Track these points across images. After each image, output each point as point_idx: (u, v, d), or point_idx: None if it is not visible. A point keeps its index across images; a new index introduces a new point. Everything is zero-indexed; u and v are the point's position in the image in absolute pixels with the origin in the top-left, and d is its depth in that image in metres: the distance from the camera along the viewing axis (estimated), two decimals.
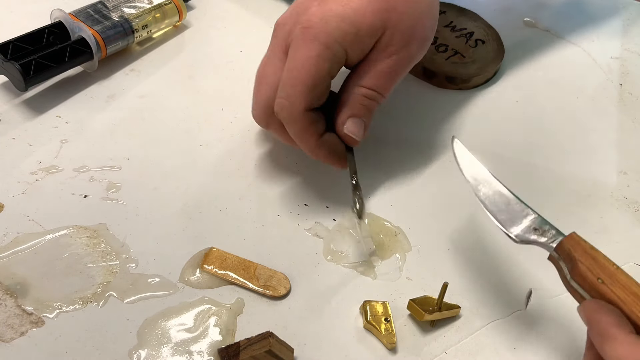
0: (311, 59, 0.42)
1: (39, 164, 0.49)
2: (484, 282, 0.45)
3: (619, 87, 0.61)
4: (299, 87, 0.42)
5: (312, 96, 0.43)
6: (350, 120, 0.45)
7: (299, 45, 0.42)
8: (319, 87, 0.43)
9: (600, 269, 0.35)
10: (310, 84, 0.42)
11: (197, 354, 0.39)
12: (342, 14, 0.42)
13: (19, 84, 0.51)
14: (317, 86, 0.43)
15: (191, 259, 0.44)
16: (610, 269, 0.35)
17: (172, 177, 0.49)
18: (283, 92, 0.43)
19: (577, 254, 0.36)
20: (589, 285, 0.35)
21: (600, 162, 0.54)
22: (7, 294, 0.41)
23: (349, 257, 0.45)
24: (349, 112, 0.45)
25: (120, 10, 0.57)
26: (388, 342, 0.41)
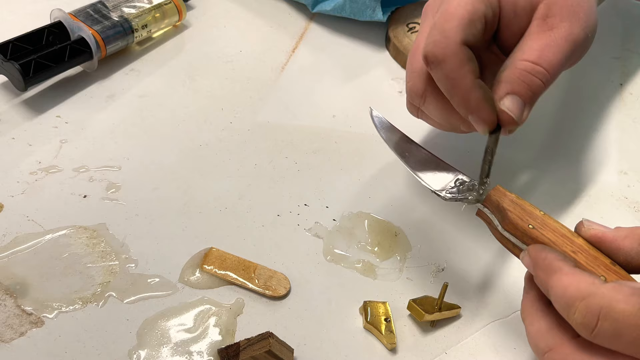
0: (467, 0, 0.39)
1: (38, 164, 0.49)
2: (484, 282, 0.45)
3: (619, 87, 0.61)
4: (455, 21, 0.38)
5: (468, 32, 0.38)
6: (509, 97, 0.39)
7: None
8: (476, 25, 0.39)
9: (529, 216, 0.37)
10: (466, 18, 0.38)
11: (197, 354, 0.39)
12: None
13: (19, 83, 0.51)
14: (474, 22, 0.39)
15: (191, 259, 0.44)
16: (538, 215, 0.37)
17: (172, 177, 0.49)
18: (434, 31, 0.39)
19: (506, 204, 0.37)
20: (520, 232, 0.36)
21: (600, 162, 0.54)
22: (7, 294, 0.41)
23: (349, 257, 0.45)
24: (507, 87, 0.39)
25: (120, 10, 0.57)
26: (388, 342, 0.41)
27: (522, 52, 0.40)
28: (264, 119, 0.54)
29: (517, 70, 0.40)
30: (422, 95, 0.42)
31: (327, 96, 0.57)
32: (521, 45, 0.41)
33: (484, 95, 0.39)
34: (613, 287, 0.31)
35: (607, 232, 0.36)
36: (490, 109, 0.39)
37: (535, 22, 0.41)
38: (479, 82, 0.39)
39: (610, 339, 0.31)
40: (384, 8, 0.61)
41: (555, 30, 0.41)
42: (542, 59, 0.40)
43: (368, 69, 0.60)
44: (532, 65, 0.40)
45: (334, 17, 0.64)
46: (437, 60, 0.39)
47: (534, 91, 0.40)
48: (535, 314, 0.35)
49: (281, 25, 0.63)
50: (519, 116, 0.39)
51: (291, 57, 0.60)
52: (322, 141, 0.53)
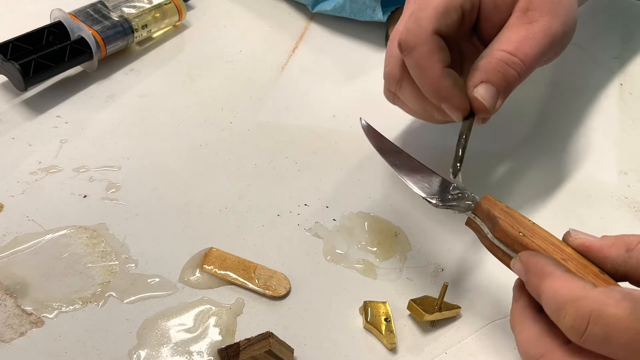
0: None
1: (38, 164, 0.49)
2: (484, 282, 0.45)
3: (619, 87, 0.61)
4: (429, 10, 0.39)
5: (442, 22, 0.39)
6: (483, 85, 0.40)
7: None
8: (450, 14, 0.40)
9: (519, 224, 0.37)
10: (441, 7, 0.39)
11: (197, 354, 0.39)
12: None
13: (19, 83, 0.51)
14: (448, 12, 0.40)
15: (191, 259, 0.44)
16: (528, 224, 0.37)
17: (172, 177, 0.49)
18: (410, 19, 0.40)
19: (496, 212, 0.38)
20: (511, 239, 0.37)
21: (600, 162, 0.54)
22: (7, 294, 0.41)
23: (349, 257, 0.45)
24: (482, 75, 0.40)
25: (120, 10, 0.57)
26: (388, 342, 0.41)
27: (500, 43, 0.41)
28: (264, 119, 0.54)
29: (493, 59, 0.40)
30: (399, 80, 0.43)
31: (327, 96, 0.57)
32: (500, 36, 0.41)
33: (454, 83, 0.40)
34: (604, 292, 0.31)
35: (594, 241, 0.36)
36: (461, 96, 0.40)
37: (515, 15, 0.42)
38: (448, 71, 0.40)
39: (600, 343, 0.30)
40: (384, 8, 0.60)
41: (535, 23, 0.41)
42: (519, 50, 0.40)
43: (368, 69, 0.60)
44: (509, 55, 0.40)
45: (334, 17, 0.64)
46: (408, 47, 0.40)
47: (508, 81, 0.40)
48: (525, 322, 0.35)
49: (281, 25, 0.63)
50: (491, 105, 0.40)
51: (291, 57, 0.60)
52: (322, 141, 0.53)
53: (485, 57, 0.41)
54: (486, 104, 0.40)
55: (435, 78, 0.39)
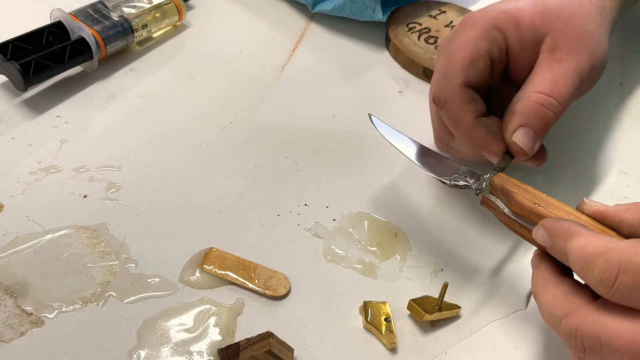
0: (468, 40, 0.41)
1: (38, 164, 0.49)
2: (484, 282, 0.45)
3: (619, 87, 0.61)
4: (456, 64, 0.41)
5: (469, 72, 0.41)
6: (522, 129, 0.41)
7: (458, 33, 0.42)
8: (477, 64, 0.41)
9: (534, 197, 0.38)
10: (467, 59, 0.41)
11: (197, 354, 0.39)
12: (504, 8, 0.42)
13: (19, 83, 0.51)
14: (475, 62, 0.41)
15: (191, 259, 0.44)
16: (542, 196, 0.38)
17: (172, 177, 0.49)
18: (440, 74, 0.42)
19: (510, 187, 0.39)
20: (527, 211, 0.38)
21: (600, 162, 0.54)
22: (7, 294, 0.41)
23: (349, 257, 0.45)
24: (520, 119, 0.41)
25: (120, 10, 0.57)
26: (388, 342, 0.41)
27: (534, 84, 0.41)
28: (264, 119, 0.54)
29: (530, 102, 0.41)
30: (450, 133, 0.44)
31: (327, 96, 0.57)
32: (532, 77, 0.42)
33: (487, 132, 0.41)
34: (632, 242, 0.31)
35: (608, 207, 0.37)
36: (496, 143, 0.42)
37: (543, 55, 0.42)
38: (480, 120, 0.41)
39: (630, 293, 0.30)
40: (384, 8, 0.61)
41: (564, 62, 0.42)
42: (554, 91, 0.41)
43: (368, 69, 0.60)
44: (545, 97, 0.41)
45: (334, 17, 0.64)
46: (440, 102, 0.41)
47: (546, 123, 0.41)
48: (548, 285, 0.35)
49: (281, 25, 0.63)
50: (530, 148, 0.41)
51: (291, 57, 0.60)
52: (322, 141, 0.53)
53: (522, 99, 0.41)
54: (525, 149, 0.41)
55: (468, 128, 0.41)
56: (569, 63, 0.42)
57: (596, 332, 0.31)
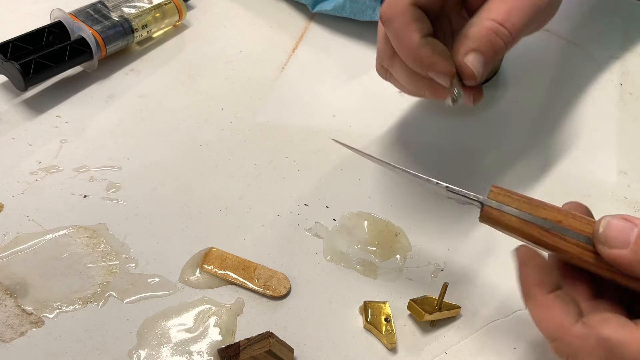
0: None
1: (38, 164, 0.49)
2: (484, 282, 0.45)
3: (619, 87, 0.61)
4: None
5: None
6: (473, 53, 0.40)
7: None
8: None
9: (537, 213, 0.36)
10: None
11: (197, 354, 0.39)
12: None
13: (19, 83, 0.51)
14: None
15: (191, 259, 0.44)
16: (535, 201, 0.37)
17: (172, 177, 0.49)
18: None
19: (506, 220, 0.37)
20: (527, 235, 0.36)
21: (600, 162, 0.54)
22: (7, 294, 0.41)
23: (349, 257, 0.45)
24: (473, 44, 0.41)
25: (120, 10, 0.57)
26: (388, 342, 0.41)
27: (489, 12, 0.41)
28: (264, 119, 0.54)
29: (483, 28, 0.41)
30: (390, 57, 0.43)
31: (327, 96, 0.57)
32: (489, 4, 0.42)
33: (433, 50, 0.40)
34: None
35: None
36: (444, 61, 0.41)
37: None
38: (427, 39, 0.40)
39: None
40: None
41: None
42: (507, 21, 0.41)
43: (368, 69, 0.60)
44: (498, 25, 0.41)
45: (334, 17, 0.64)
46: (387, 19, 0.41)
47: (495, 51, 0.41)
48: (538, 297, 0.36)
49: (281, 25, 0.63)
50: (480, 73, 0.41)
51: (291, 57, 0.60)
52: (322, 141, 0.53)
53: (476, 24, 0.41)
54: (475, 72, 0.41)
55: (414, 47, 0.40)
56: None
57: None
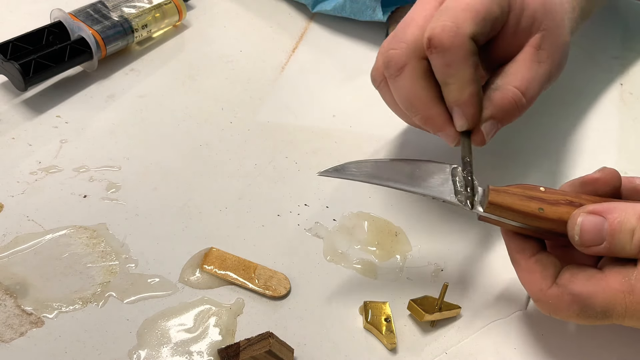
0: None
1: (38, 164, 0.49)
2: (484, 282, 0.45)
3: (619, 87, 0.61)
4: (470, 13, 0.39)
5: (480, 26, 0.39)
6: (490, 121, 0.42)
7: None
8: (487, 24, 0.39)
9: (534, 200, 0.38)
10: (482, 14, 0.39)
11: (197, 354, 0.39)
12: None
13: (19, 83, 0.51)
14: (486, 21, 0.39)
15: (191, 259, 0.44)
16: (541, 194, 0.38)
17: (172, 177, 0.49)
18: (445, 16, 0.39)
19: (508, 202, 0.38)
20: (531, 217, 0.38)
21: (601, 162, 0.54)
22: (7, 294, 0.41)
23: (349, 257, 0.45)
24: (494, 111, 0.41)
25: (120, 10, 0.57)
26: (388, 342, 0.41)
27: (515, 78, 0.42)
28: (264, 119, 0.54)
29: (508, 97, 0.41)
30: (401, 68, 0.41)
31: (327, 96, 0.57)
32: (514, 69, 0.42)
33: (478, 92, 0.40)
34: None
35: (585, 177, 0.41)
36: (477, 107, 0.41)
37: (528, 49, 0.43)
38: (478, 79, 0.40)
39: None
40: (384, 8, 0.60)
41: (542, 65, 0.43)
42: (528, 90, 0.42)
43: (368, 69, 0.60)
44: (520, 96, 0.42)
45: (334, 17, 0.64)
46: (442, 46, 0.39)
47: (509, 120, 0.42)
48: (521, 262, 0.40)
49: (281, 25, 0.63)
50: (489, 138, 0.42)
51: (291, 57, 0.60)
52: (322, 141, 0.53)
53: (500, 90, 0.42)
54: (486, 139, 0.42)
55: (466, 82, 0.40)
56: (546, 67, 0.43)
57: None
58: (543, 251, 0.39)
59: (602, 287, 0.36)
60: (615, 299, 0.35)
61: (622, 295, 0.35)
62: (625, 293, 0.35)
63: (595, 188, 0.40)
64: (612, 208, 0.37)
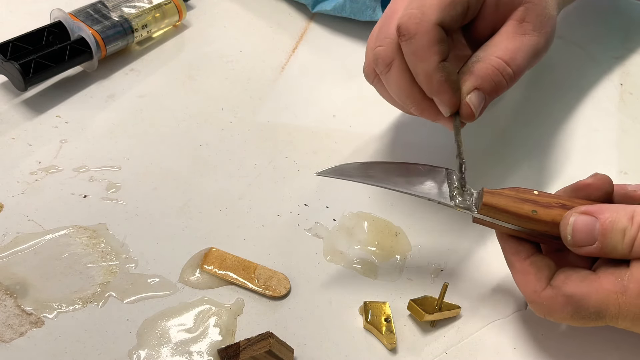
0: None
1: (38, 164, 0.49)
2: (484, 282, 0.45)
3: (619, 87, 0.61)
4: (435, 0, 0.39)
5: (446, 13, 0.39)
6: (475, 92, 0.41)
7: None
8: (456, 8, 0.40)
9: (527, 202, 0.38)
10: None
11: (197, 354, 0.39)
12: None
13: (19, 83, 0.51)
14: (455, 6, 0.40)
15: (191, 259, 0.44)
16: (535, 197, 0.39)
17: (172, 177, 0.49)
18: (414, 3, 0.40)
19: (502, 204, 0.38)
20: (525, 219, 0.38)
21: (600, 162, 0.54)
22: (7, 294, 0.41)
23: (349, 257, 0.45)
24: (477, 81, 0.41)
25: (119, 10, 0.57)
26: (388, 342, 0.41)
27: (497, 49, 0.42)
28: (264, 119, 0.54)
29: (490, 66, 0.41)
30: (389, 64, 0.42)
31: (327, 96, 0.57)
32: (495, 41, 0.42)
33: (446, 78, 0.40)
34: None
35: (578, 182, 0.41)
36: (452, 92, 0.41)
37: (511, 22, 0.43)
38: (444, 65, 0.40)
39: None
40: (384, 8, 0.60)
41: (527, 36, 0.42)
42: (513, 60, 0.41)
43: None
44: (504, 65, 0.41)
45: (334, 17, 0.64)
46: (408, 34, 0.39)
47: (497, 90, 0.42)
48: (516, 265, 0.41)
49: (281, 25, 0.63)
50: (478, 111, 0.41)
51: (291, 57, 0.60)
52: (322, 141, 0.53)
53: (482, 60, 0.42)
54: (474, 111, 0.41)
55: (430, 70, 0.40)
56: (531, 38, 0.42)
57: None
58: (538, 253, 0.39)
59: (595, 288, 0.36)
60: (609, 299, 0.36)
61: (615, 295, 0.35)
62: (618, 294, 0.35)
63: (588, 193, 0.40)
64: (604, 209, 0.37)
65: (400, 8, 0.42)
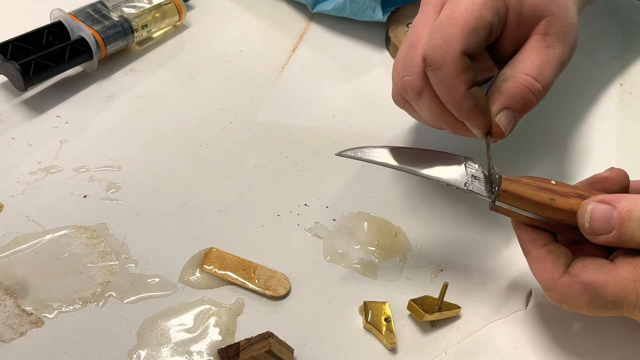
0: (475, 4, 0.40)
1: (38, 164, 0.49)
2: (484, 282, 0.45)
3: (619, 87, 0.61)
4: (458, 28, 0.39)
5: (470, 41, 0.39)
6: (505, 112, 0.41)
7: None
8: (479, 34, 0.40)
9: (545, 190, 0.39)
10: (471, 26, 0.39)
11: (197, 354, 0.39)
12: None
13: (19, 84, 0.51)
14: (478, 32, 0.40)
15: (191, 259, 0.44)
16: (553, 186, 0.39)
17: (172, 177, 0.49)
18: (437, 33, 0.40)
19: (521, 191, 0.39)
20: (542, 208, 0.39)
21: (600, 162, 0.54)
22: (7, 294, 0.41)
23: (348, 257, 0.45)
24: (506, 101, 0.41)
25: (120, 10, 0.57)
26: (388, 342, 0.41)
27: (524, 66, 0.42)
28: (264, 119, 0.54)
29: (518, 84, 0.41)
30: (419, 92, 0.42)
31: (327, 96, 0.57)
32: (522, 57, 0.42)
33: (475, 104, 0.41)
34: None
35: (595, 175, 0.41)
36: (482, 117, 0.41)
37: (535, 37, 0.42)
38: (471, 92, 0.40)
39: None
40: (384, 8, 0.60)
41: (552, 49, 0.42)
42: (541, 76, 0.41)
43: (368, 69, 0.60)
44: (533, 81, 0.41)
45: (334, 17, 0.64)
46: (435, 65, 0.40)
47: (527, 107, 0.42)
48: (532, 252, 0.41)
49: (281, 25, 0.63)
50: (507, 131, 0.42)
51: (291, 57, 0.60)
52: (322, 141, 0.53)
53: (510, 79, 0.42)
54: (504, 131, 0.42)
55: (459, 99, 0.40)
56: (556, 51, 0.42)
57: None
58: (555, 242, 0.39)
59: (614, 276, 0.36)
60: (627, 288, 0.36)
61: (634, 284, 0.35)
62: (637, 282, 0.35)
63: (605, 187, 0.40)
64: (622, 198, 0.37)
65: (422, 36, 0.42)
